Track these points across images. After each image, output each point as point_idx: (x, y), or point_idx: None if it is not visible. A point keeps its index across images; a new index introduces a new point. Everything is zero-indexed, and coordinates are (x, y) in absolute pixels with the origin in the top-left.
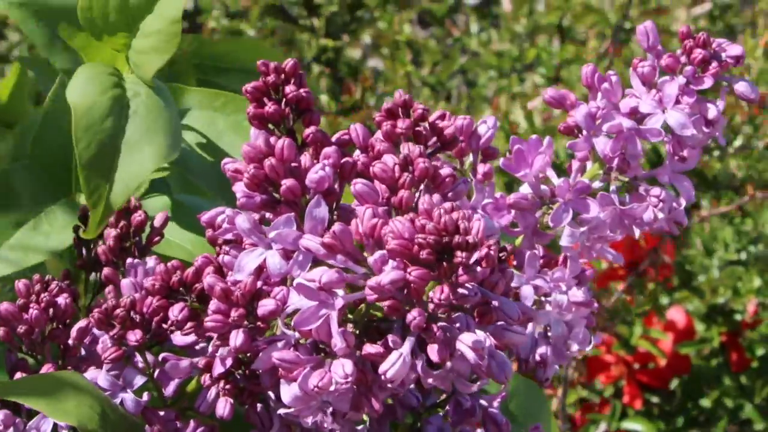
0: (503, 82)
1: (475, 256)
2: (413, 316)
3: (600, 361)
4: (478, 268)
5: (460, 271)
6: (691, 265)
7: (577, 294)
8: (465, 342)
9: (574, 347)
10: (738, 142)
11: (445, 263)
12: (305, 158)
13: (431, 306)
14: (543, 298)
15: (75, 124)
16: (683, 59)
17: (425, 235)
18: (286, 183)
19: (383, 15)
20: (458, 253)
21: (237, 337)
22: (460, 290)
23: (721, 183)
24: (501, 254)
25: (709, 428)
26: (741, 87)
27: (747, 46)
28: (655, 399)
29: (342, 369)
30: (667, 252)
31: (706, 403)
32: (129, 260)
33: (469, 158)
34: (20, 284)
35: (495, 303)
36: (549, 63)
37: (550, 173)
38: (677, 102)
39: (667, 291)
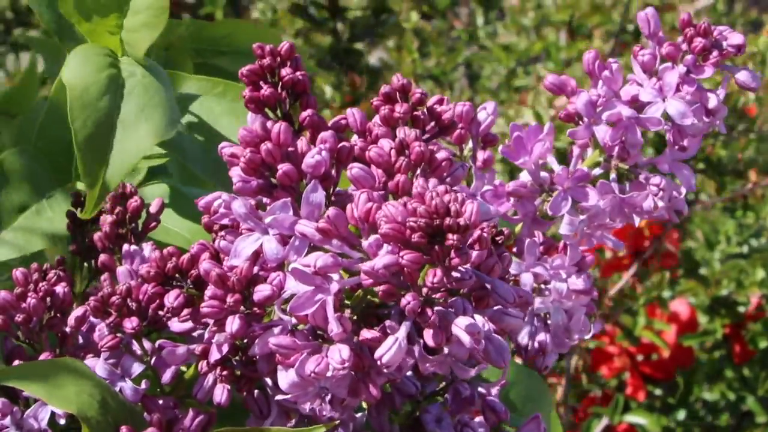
0: (508, 74)
1: (468, 238)
2: (407, 300)
3: (603, 353)
4: (472, 252)
5: (453, 254)
6: (693, 257)
7: (577, 282)
8: (460, 326)
9: (574, 335)
10: (742, 126)
11: (437, 246)
12: (302, 142)
13: (425, 290)
14: (543, 286)
15: (71, 103)
16: (684, 47)
17: (416, 218)
18: (283, 167)
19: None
20: (450, 235)
21: (233, 323)
22: (454, 273)
23: (725, 167)
24: (498, 238)
25: (711, 421)
26: (742, 76)
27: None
28: (657, 391)
29: (339, 354)
30: (671, 241)
31: (708, 395)
32: (125, 247)
33: (469, 145)
34: (18, 273)
35: (489, 286)
36: (557, 58)
37: (551, 160)
38: (677, 90)
39: (673, 280)
